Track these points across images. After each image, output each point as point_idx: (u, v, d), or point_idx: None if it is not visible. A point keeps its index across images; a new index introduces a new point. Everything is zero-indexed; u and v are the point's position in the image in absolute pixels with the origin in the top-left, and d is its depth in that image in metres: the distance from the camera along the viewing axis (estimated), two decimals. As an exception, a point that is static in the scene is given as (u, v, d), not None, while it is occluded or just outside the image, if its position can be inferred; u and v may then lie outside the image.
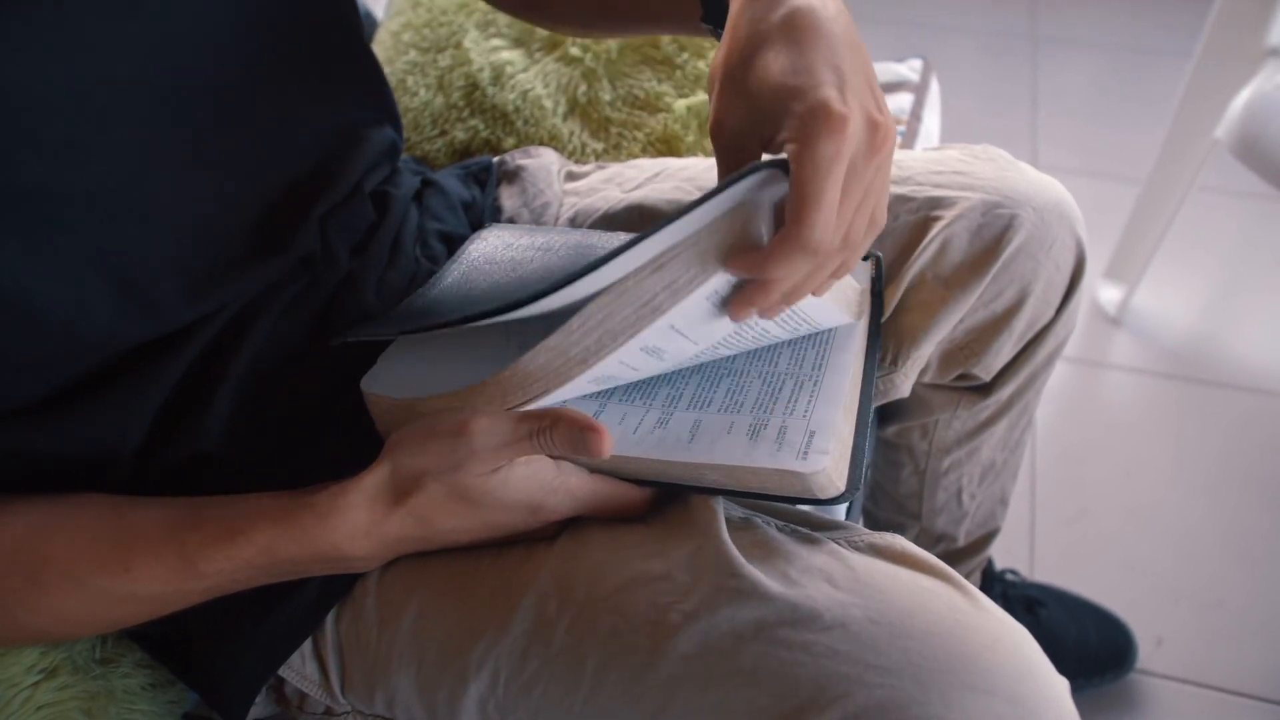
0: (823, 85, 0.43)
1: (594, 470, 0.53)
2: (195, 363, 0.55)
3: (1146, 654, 1.12)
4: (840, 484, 0.50)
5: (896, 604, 0.47)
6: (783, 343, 0.58)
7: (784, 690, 0.45)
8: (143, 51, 0.50)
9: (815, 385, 0.54)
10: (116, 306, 0.50)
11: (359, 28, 0.67)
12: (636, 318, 0.47)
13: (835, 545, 0.52)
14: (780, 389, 0.54)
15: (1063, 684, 0.47)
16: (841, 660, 0.44)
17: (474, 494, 0.49)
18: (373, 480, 0.49)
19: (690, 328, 0.50)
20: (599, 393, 0.56)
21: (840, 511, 0.82)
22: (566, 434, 0.47)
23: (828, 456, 0.48)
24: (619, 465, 0.53)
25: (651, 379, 0.57)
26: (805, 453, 0.49)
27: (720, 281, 0.47)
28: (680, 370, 0.57)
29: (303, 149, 0.61)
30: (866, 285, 0.62)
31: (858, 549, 0.52)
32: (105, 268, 0.49)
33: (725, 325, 0.51)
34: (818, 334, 0.58)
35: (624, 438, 0.53)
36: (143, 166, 0.50)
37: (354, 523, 0.49)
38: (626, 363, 0.50)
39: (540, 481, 0.50)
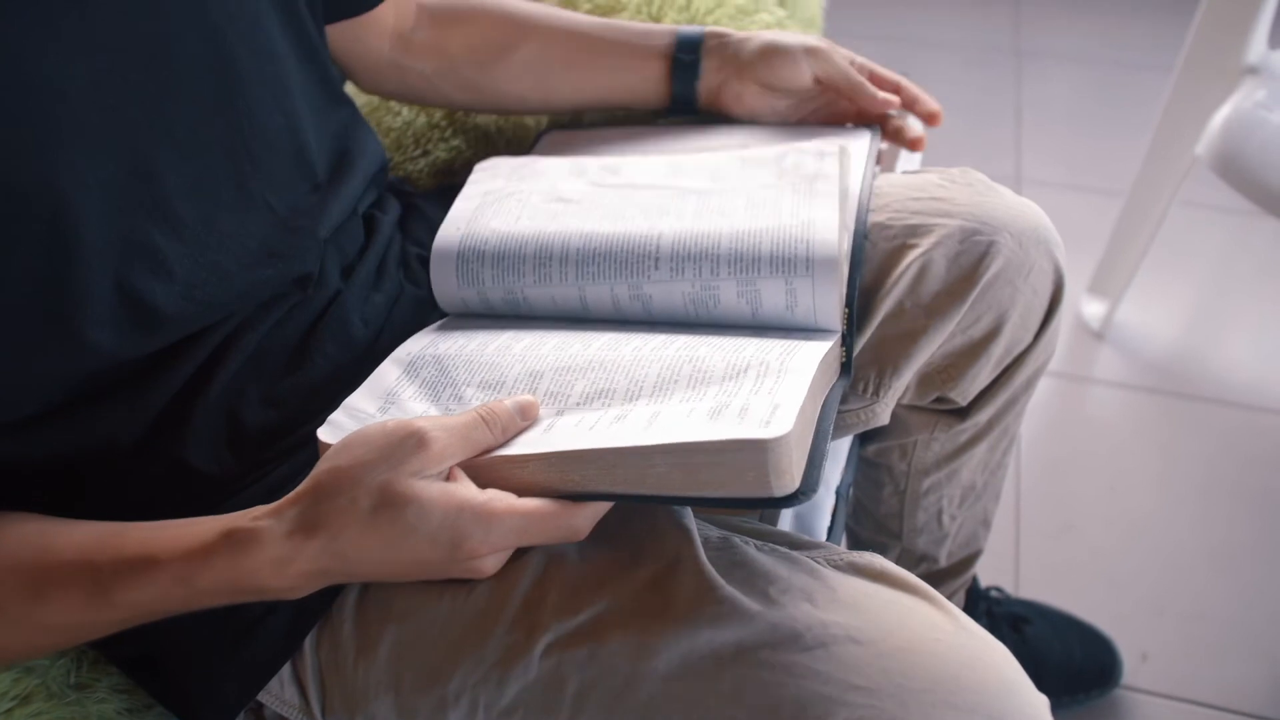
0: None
1: (529, 489, 0.49)
2: (187, 378, 0.55)
3: (1132, 669, 1.12)
4: (797, 478, 0.47)
5: (877, 623, 0.47)
6: (748, 330, 0.59)
7: (765, 711, 0.45)
8: (156, 57, 0.51)
9: (781, 368, 0.52)
10: (117, 311, 0.50)
11: (328, 57, 0.68)
12: None
13: (815, 564, 0.52)
14: (744, 373, 0.52)
15: (1043, 701, 0.48)
16: (822, 681, 0.45)
17: (400, 506, 0.46)
18: (291, 510, 0.47)
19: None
20: (556, 404, 0.54)
21: (821, 531, 0.82)
22: (505, 411, 0.51)
23: (792, 422, 0.46)
24: (562, 472, 0.49)
25: (610, 374, 0.55)
26: (768, 421, 0.46)
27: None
28: (640, 361, 0.55)
29: (311, 168, 0.62)
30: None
31: (837, 568, 0.52)
32: (110, 267, 0.50)
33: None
34: (787, 337, 0.58)
35: (579, 434, 0.50)
36: (155, 167, 0.51)
37: (270, 555, 0.46)
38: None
39: (460, 505, 0.47)
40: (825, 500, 0.82)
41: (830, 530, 0.84)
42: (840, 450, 0.83)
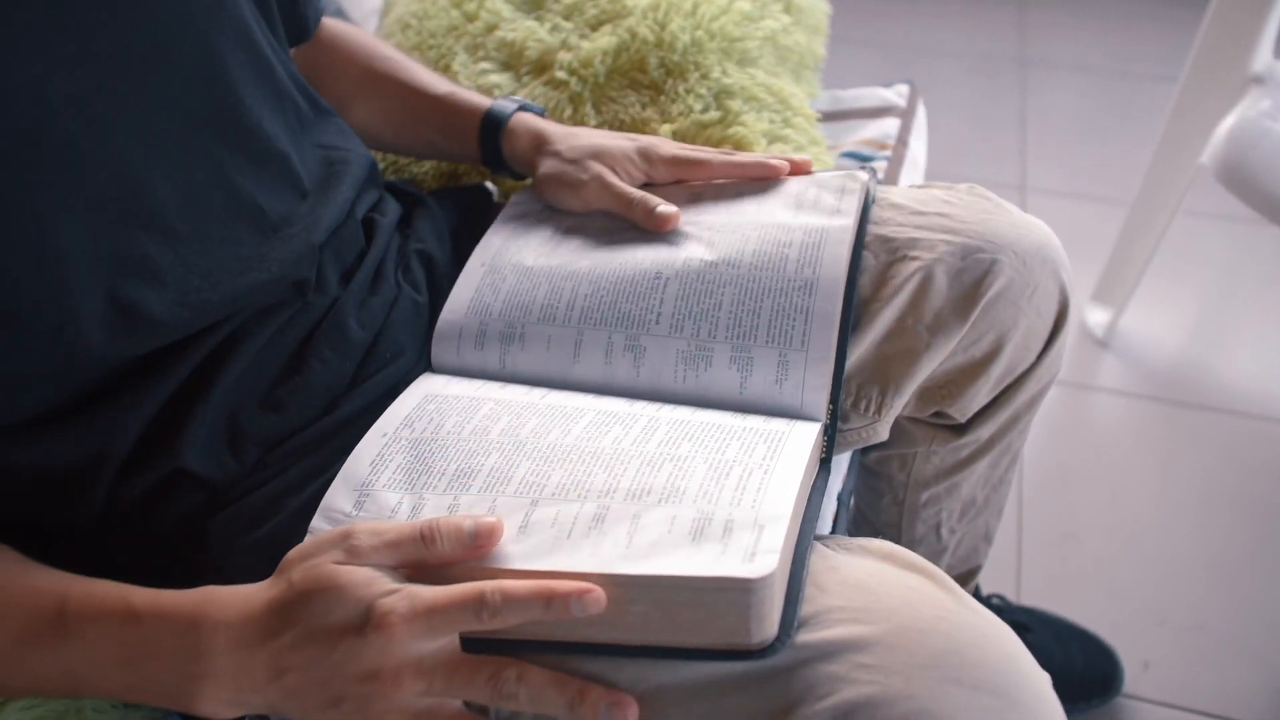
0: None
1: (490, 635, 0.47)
2: (183, 381, 0.55)
3: (1133, 678, 1.12)
4: (775, 624, 0.46)
5: (883, 602, 0.48)
6: (732, 432, 0.56)
7: (774, 691, 0.45)
8: (146, 69, 0.51)
9: (765, 474, 0.51)
10: (109, 319, 0.50)
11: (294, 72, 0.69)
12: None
13: (823, 547, 0.53)
14: (727, 475, 0.51)
15: (1045, 678, 0.49)
16: (829, 659, 0.45)
17: (318, 582, 0.46)
18: (267, 588, 0.47)
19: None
20: (531, 493, 0.52)
21: (825, 526, 0.82)
22: (453, 530, 0.48)
23: (776, 555, 0.45)
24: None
25: (589, 467, 0.53)
26: (753, 553, 0.45)
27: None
28: (620, 455, 0.54)
29: (297, 178, 0.62)
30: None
31: (848, 550, 0.53)
32: (101, 277, 0.50)
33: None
34: (769, 430, 0.56)
35: (555, 542, 0.48)
36: (145, 178, 0.51)
37: (233, 609, 0.46)
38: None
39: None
40: (827, 506, 0.82)
41: (834, 526, 0.84)
42: (842, 456, 0.83)
